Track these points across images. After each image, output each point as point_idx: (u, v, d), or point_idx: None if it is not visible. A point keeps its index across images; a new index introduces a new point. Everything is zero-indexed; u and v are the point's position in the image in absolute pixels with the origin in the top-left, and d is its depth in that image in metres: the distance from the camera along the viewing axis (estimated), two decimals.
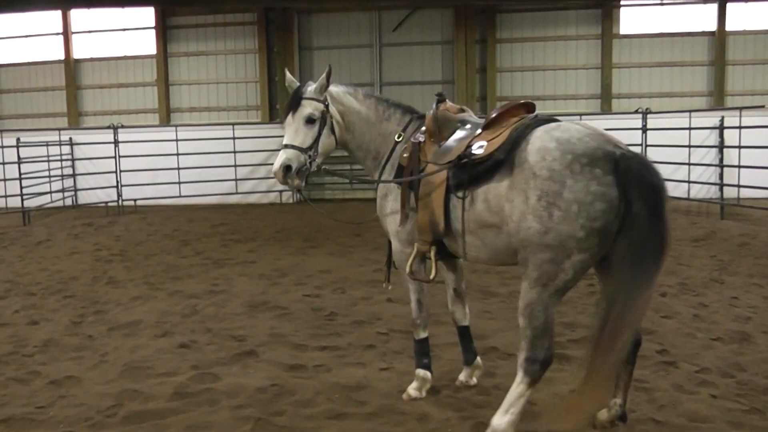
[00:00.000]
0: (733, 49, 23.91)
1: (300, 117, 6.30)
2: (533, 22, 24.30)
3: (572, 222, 4.95)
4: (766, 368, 7.14)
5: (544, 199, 5.01)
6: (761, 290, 10.36)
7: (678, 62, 24.13)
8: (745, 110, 18.25)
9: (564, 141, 5.09)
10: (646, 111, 20.85)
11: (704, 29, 23.99)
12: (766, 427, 5.83)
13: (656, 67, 24.15)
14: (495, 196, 5.39)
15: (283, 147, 6.24)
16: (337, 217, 16.10)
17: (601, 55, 24.13)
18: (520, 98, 24.07)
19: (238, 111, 25.31)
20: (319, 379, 6.88)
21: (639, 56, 24.16)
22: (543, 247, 5.10)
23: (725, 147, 20.85)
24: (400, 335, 8.31)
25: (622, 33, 24.15)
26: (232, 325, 8.80)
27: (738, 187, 18.55)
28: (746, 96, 23.60)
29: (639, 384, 6.70)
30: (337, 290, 10.63)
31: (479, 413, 6.05)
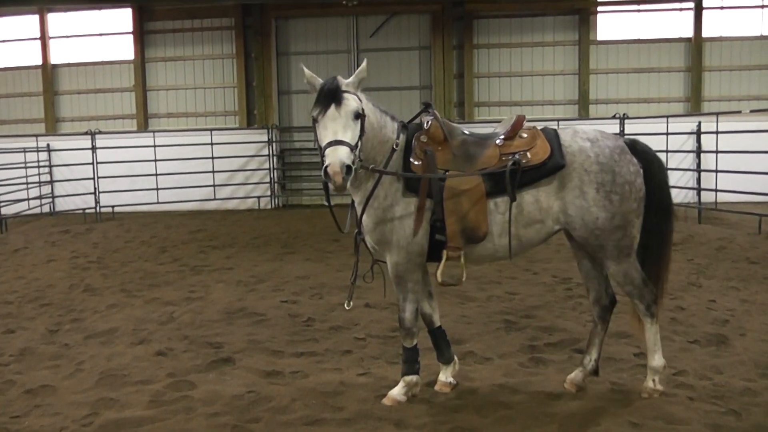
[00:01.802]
0: (710, 55, 24.19)
1: (347, 112, 5.82)
2: (510, 28, 24.42)
3: (628, 199, 6.19)
4: (743, 370, 7.22)
5: (602, 190, 6.12)
6: (738, 293, 10.45)
7: (655, 68, 24.35)
8: (721, 116, 18.42)
9: (594, 140, 6.32)
10: (624, 116, 20.98)
11: (681, 35, 24.26)
12: (743, 428, 5.90)
13: (633, 73, 24.34)
14: (545, 196, 6.17)
15: (333, 143, 5.68)
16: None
17: (579, 60, 24.30)
18: (498, 104, 24.63)
19: (216, 116, 25.27)
20: (296, 385, 6.89)
21: (616, 62, 24.35)
22: (614, 229, 6.17)
23: (702, 152, 21.05)
24: (378, 340, 8.33)
25: (599, 39, 24.38)
26: (209, 332, 8.80)
27: (715, 192, 18.75)
28: (723, 101, 23.84)
29: (616, 387, 6.80)
30: (315, 296, 10.63)
31: (455, 417, 6.08)
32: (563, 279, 11.39)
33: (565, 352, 7.87)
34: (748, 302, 10.02)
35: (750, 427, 5.91)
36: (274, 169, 24.12)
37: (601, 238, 6.18)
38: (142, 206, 22.74)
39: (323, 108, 5.82)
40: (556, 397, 6.53)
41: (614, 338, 8.23)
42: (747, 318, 9.24)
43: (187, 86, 25.31)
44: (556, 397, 6.52)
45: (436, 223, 6.15)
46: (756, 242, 14.78)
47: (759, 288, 10.77)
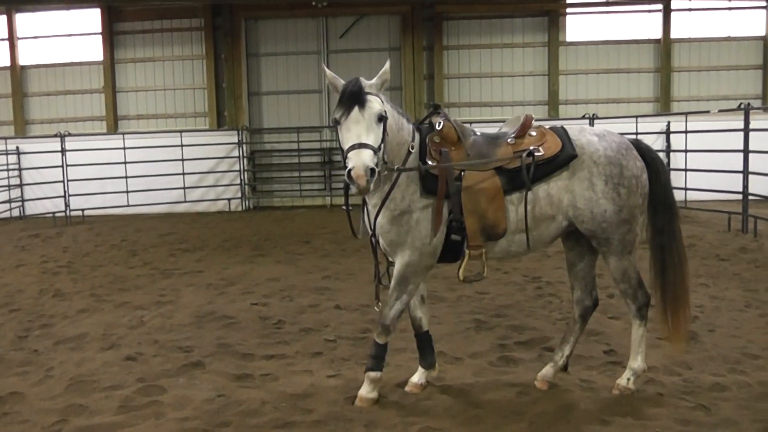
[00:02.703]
0: (679, 56, 24.48)
1: (371, 114, 5.68)
2: (480, 29, 24.51)
3: (635, 194, 6.36)
4: (712, 366, 7.32)
5: (610, 182, 6.27)
6: (708, 290, 10.56)
7: (624, 69, 24.56)
8: (690, 115, 18.57)
9: (601, 135, 6.53)
10: (593, 117, 21.05)
11: (650, 37, 24.48)
12: (712, 423, 5.96)
13: (603, 73, 24.53)
14: (557, 189, 6.28)
15: (357, 146, 5.58)
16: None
17: (548, 61, 24.47)
18: (468, 105, 24.68)
19: (186, 118, 25.16)
20: (266, 388, 6.87)
21: (585, 63, 24.52)
22: (621, 222, 6.33)
23: (672, 151, 21.23)
24: (348, 342, 8.33)
25: (568, 40, 24.56)
26: (179, 336, 8.74)
27: (685, 190, 18.86)
28: (692, 101, 24.07)
29: (586, 384, 6.85)
30: (285, 298, 10.61)
31: (425, 418, 6.09)
32: (533, 278, 11.44)
33: (535, 350, 7.92)
34: (717, 299, 10.12)
35: (719, 422, 5.98)
36: (244, 171, 24.09)
37: (608, 231, 6.33)
38: (112, 209, 22.60)
39: (346, 110, 5.69)
40: (526, 395, 6.56)
41: (584, 336, 8.26)
42: (716, 314, 9.35)
43: (157, 87, 25.16)
44: (526, 396, 6.55)
45: (453, 223, 6.13)
46: (725, 240, 14.91)
47: (728, 284, 10.89)
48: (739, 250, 13.70)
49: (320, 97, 24.98)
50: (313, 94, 25.07)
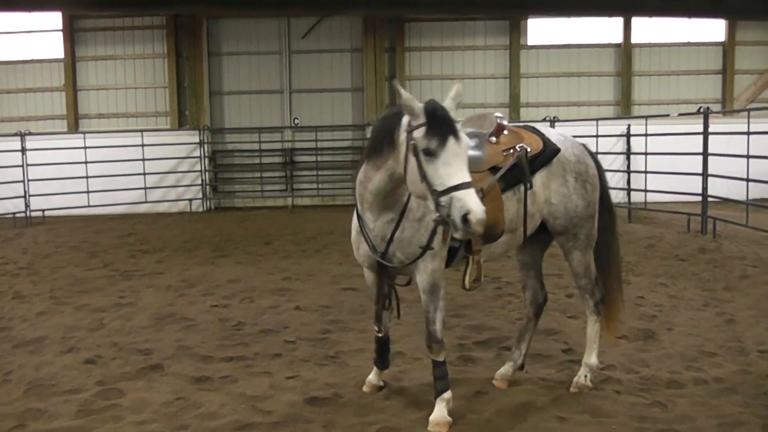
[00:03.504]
0: (639, 60, 24.76)
1: (464, 146, 5.08)
2: (442, 31, 24.56)
3: (596, 190, 6.64)
4: (669, 363, 7.45)
5: (579, 179, 6.48)
6: (666, 289, 10.70)
7: (585, 72, 24.75)
8: (650, 119, 18.74)
9: (563, 135, 6.74)
10: (554, 119, 21.18)
11: (610, 41, 24.67)
12: (668, 419, 6.08)
13: (564, 77, 24.69)
14: (538, 186, 6.31)
15: (466, 186, 4.87)
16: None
17: (509, 64, 24.61)
18: None
19: (147, 117, 24.90)
20: (225, 390, 6.88)
21: (546, 66, 24.67)
22: (588, 217, 6.56)
23: (632, 154, 21.47)
24: (307, 343, 8.35)
25: (529, 44, 24.68)
26: (139, 338, 8.71)
27: (645, 192, 19.08)
28: (652, 105, 24.29)
29: (544, 382, 6.96)
30: (245, 300, 10.60)
31: (383, 417, 6.15)
32: (493, 278, 11.49)
33: (493, 350, 8.00)
34: (676, 298, 10.26)
35: (675, 418, 6.10)
36: (205, 171, 23.98)
37: (578, 227, 6.53)
38: (73, 210, 22.32)
39: (443, 140, 4.95)
40: (484, 394, 6.65)
41: (543, 335, 8.38)
42: (674, 313, 9.48)
43: (118, 86, 24.86)
44: (484, 395, 6.64)
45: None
46: (685, 240, 15.07)
47: (687, 284, 11.02)
48: (698, 250, 13.85)
49: (282, 97, 24.87)
50: (274, 95, 24.96)
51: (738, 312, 9.54)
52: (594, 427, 5.86)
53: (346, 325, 9.00)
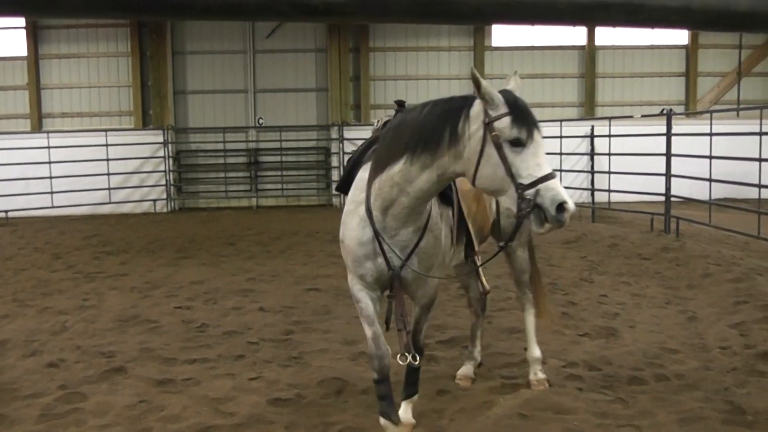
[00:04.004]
0: (603, 62, 25.02)
1: (542, 136, 4.88)
2: (406, 32, 24.59)
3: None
4: (631, 360, 7.53)
5: None
6: (629, 288, 10.81)
7: (549, 74, 24.94)
8: (614, 120, 18.86)
9: None
10: None
11: (574, 44, 24.84)
12: (629, 415, 6.16)
13: (528, 78, 24.71)
14: None
15: (553, 176, 4.66)
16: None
17: (473, 66, 24.54)
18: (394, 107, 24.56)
19: (111, 117, 24.65)
20: (188, 392, 6.86)
21: (511, 68, 24.65)
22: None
23: (596, 154, 21.68)
24: (270, 344, 8.35)
25: (494, 45, 24.83)
26: (102, 341, 8.65)
27: (608, 192, 19.25)
28: (615, 107, 24.49)
29: (506, 381, 7.02)
30: (209, 301, 10.58)
31: (346, 418, 6.17)
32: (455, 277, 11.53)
33: (456, 349, 8.04)
34: (638, 296, 10.37)
35: (636, 414, 6.18)
36: (169, 172, 23.85)
37: (511, 223, 5.92)
38: (36, 210, 22.06)
39: (530, 130, 4.74)
40: (447, 392, 6.70)
41: (506, 334, 8.44)
42: (637, 311, 9.59)
43: (82, 85, 24.56)
44: (446, 393, 6.69)
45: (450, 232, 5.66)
46: (648, 239, 15.17)
47: (649, 282, 11.13)
48: (661, 249, 13.95)
49: (246, 97, 24.77)
50: (239, 94, 24.84)
51: (700, 310, 9.65)
52: (556, 424, 5.91)
53: (310, 326, 9.02)
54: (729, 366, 7.42)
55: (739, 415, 6.18)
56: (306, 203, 24.43)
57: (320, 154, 24.91)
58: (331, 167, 24.58)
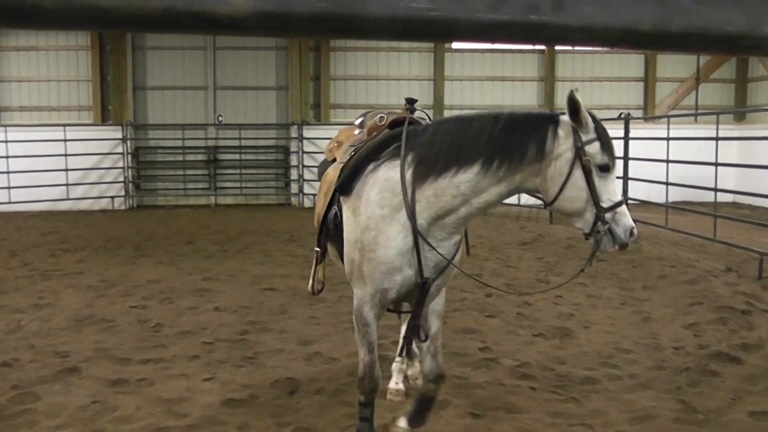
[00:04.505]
0: (562, 66, 25.29)
1: None
2: None
3: None
4: (584, 360, 7.63)
5: None
6: (585, 289, 10.88)
7: (509, 77, 25.11)
8: None
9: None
10: None
11: (534, 47, 24.92)
12: (581, 414, 6.24)
13: (488, 80, 24.95)
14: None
15: (623, 202, 4.83)
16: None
17: (434, 67, 24.75)
18: (354, 106, 24.77)
19: (70, 111, 24.34)
20: (142, 393, 6.81)
21: (471, 70, 24.92)
22: None
23: None
24: (225, 344, 8.32)
25: (454, 47, 24.91)
26: (56, 340, 8.57)
27: None
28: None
29: (459, 380, 7.05)
30: (165, 300, 10.50)
31: (299, 418, 6.17)
32: None
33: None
34: (594, 297, 10.46)
35: (588, 413, 6.27)
36: (128, 168, 23.65)
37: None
38: None
39: (614, 156, 4.75)
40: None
41: (461, 334, 8.49)
42: (592, 311, 9.68)
43: (41, 78, 24.20)
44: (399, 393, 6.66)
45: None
46: None
47: (605, 283, 11.22)
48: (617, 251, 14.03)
49: (206, 94, 24.65)
50: (198, 91, 24.71)
51: (655, 310, 9.78)
52: (508, 423, 5.96)
53: (265, 326, 9.00)
54: (682, 366, 7.55)
55: (690, 413, 6.31)
56: (265, 202, 24.38)
57: (279, 152, 24.86)
58: (290, 166, 24.54)
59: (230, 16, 0.79)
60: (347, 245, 5.13)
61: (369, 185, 5.03)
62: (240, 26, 0.85)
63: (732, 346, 8.15)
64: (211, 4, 0.78)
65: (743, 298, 10.33)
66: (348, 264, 5.15)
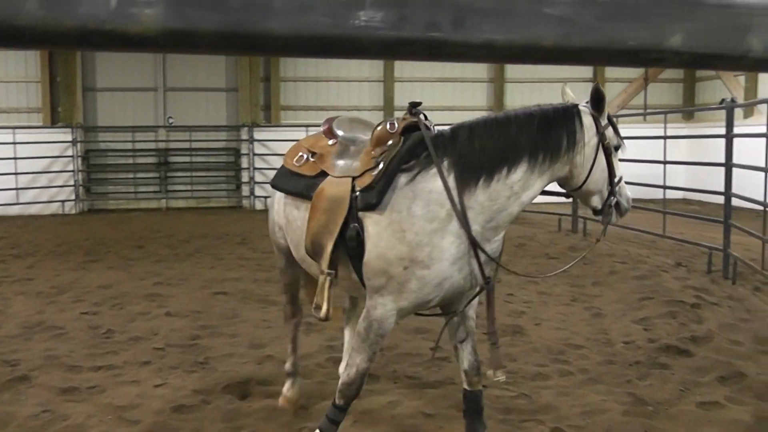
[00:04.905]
0: (512, 67, 25.44)
1: None
2: None
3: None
4: (536, 357, 7.71)
5: None
6: (536, 287, 10.97)
7: (459, 78, 25.30)
8: None
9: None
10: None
11: None
12: (532, 410, 6.31)
13: (438, 82, 25.05)
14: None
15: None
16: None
17: (384, 69, 24.87)
18: (304, 108, 24.83)
19: (20, 113, 23.94)
20: (93, 401, 6.74)
21: (421, 71, 25.03)
22: None
23: None
24: (177, 350, 8.25)
25: None
26: (5, 348, 8.43)
27: None
28: None
29: (411, 381, 7.06)
30: (116, 306, 10.39)
31: (250, 423, 6.15)
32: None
33: None
34: (545, 294, 10.55)
35: (539, 408, 6.33)
36: (78, 172, 23.42)
37: None
38: None
39: (622, 139, 5.34)
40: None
41: (412, 334, 8.49)
42: (543, 309, 9.77)
43: None
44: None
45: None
46: (555, 239, 15.45)
47: (557, 281, 11.27)
48: (569, 248, 14.22)
49: (156, 95, 24.50)
50: (149, 92, 24.54)
51: (605, 306, 9.89)
52: (460, 421, 5.94)
53: (217, 330, 8.95)
54: (632, 359, 7.66)
55: (640, 406, 6.39)
56: (216, 205, 24.27)
57: (230, 155, 24.78)
58: (240, 168, 24.45)
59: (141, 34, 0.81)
60: (380, 260, 4.89)
61: (408, 199, 4.86)
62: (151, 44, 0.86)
63: (682, 339, 8.28)
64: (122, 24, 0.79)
65: (693, 292, 10.51)
66: (378, 278, 4.93)
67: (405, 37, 0.98)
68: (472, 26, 1.00)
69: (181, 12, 0.88)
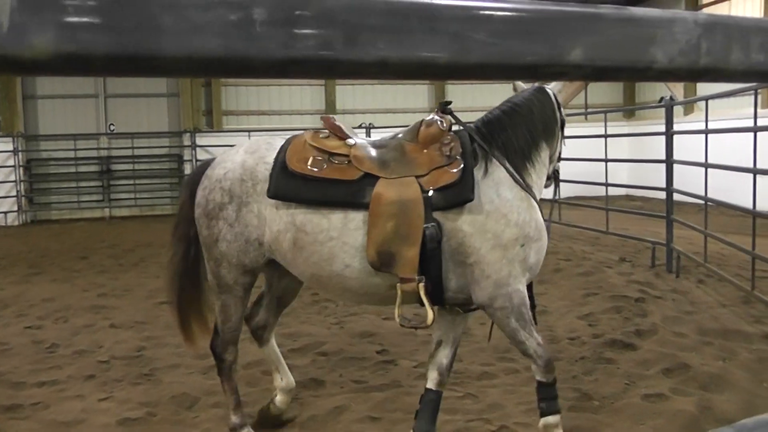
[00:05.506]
0: None
1: None
2: None
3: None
4: (482, 356, 7.74)
5: None
6: None
7: (400, 81, 25.14)
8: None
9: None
10: (370, 126, 21.66)
11: None
12: (478, 409, 6.36)
13: (379, 85, 25.16)
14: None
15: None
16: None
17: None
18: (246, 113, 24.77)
19: None
20: (36, 417, 6.65)
21: None
22: None
23: None
24: (121, 362, 8.16)
25: None
26: None
27: None
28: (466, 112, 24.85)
29: (358, 385, 7.06)
30: (60, 319, 10.23)
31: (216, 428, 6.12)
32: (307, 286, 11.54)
33: (309, 356, 8.06)
34: None
35: (485, 407, 6.38)
36: (20, 182, 23.11)
37: None
38: None
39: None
40: (298, 400, 6.67)
41: (358, 338, 8.50)
42: None
43: None
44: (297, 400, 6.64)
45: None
46: None
47: None
48: None
49: (97, 102, 24.27)
50: (89, 99, 24.32)
51: (551, 303, 9.95)
52: (407, 424, 5.97)
53: (161, 341, 8.85)
54: (578, 355, 7.76)
55: (586, 401, 6.49)
56: (160, 212, 23.91)
57: (173, 161, 24.64)
58: (183, 175, 24.10)
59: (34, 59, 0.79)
60: (496, 251, 4.92)
61: (492, 188, 5.00)
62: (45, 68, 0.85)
63: (626, 333, 8.39)
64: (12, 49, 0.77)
65: (637, 286, 10.63)
66: (502, 267, 4.97)
67: (297, 56, 0.97)
68: (365, 44, 1.00)
69: (73, 36, 0.87)
